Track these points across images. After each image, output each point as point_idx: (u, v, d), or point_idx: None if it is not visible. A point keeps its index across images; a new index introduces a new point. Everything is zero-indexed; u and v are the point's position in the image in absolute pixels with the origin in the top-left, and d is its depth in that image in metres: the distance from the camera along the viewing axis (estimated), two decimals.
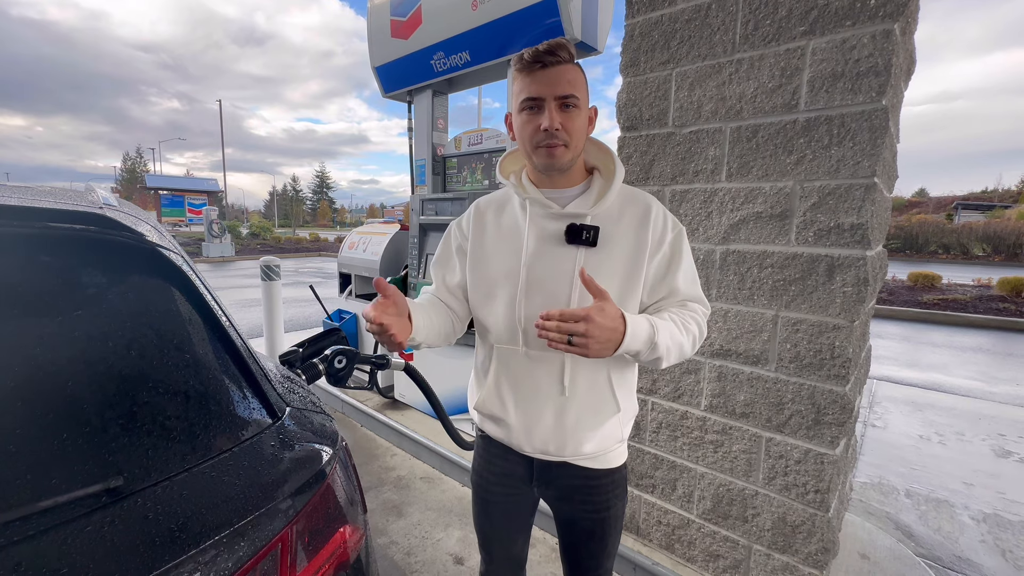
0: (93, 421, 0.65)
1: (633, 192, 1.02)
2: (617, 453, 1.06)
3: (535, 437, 1.01)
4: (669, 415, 1.86)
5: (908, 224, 20.62)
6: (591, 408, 1.00)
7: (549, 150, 0.91)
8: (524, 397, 1.01)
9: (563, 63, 0.89)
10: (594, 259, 0.95)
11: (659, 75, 1.78)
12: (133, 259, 0.80)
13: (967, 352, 5.91)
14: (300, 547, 0.72)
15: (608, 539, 1.10)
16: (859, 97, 1.38)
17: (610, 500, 1.06)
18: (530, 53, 0.89)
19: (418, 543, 2.14)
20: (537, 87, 0.89)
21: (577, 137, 0.92)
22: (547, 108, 0.89)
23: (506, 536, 1.18)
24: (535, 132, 0.91)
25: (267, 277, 3.95)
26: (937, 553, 2.12)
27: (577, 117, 0.91)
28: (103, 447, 0.65)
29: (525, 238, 0.99)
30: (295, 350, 1.31)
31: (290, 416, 0.89)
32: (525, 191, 1.00)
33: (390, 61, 3.38)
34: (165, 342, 0.77)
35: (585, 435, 1.00)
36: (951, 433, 3.44)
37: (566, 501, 1.08)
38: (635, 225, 0.97)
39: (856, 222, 1.41)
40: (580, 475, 1.04)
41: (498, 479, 1.12)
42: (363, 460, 2.89)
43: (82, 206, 0.82)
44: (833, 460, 1.50)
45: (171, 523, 0.63)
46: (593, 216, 0.96)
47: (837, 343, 1.46)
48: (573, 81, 0.90)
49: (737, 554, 1.73)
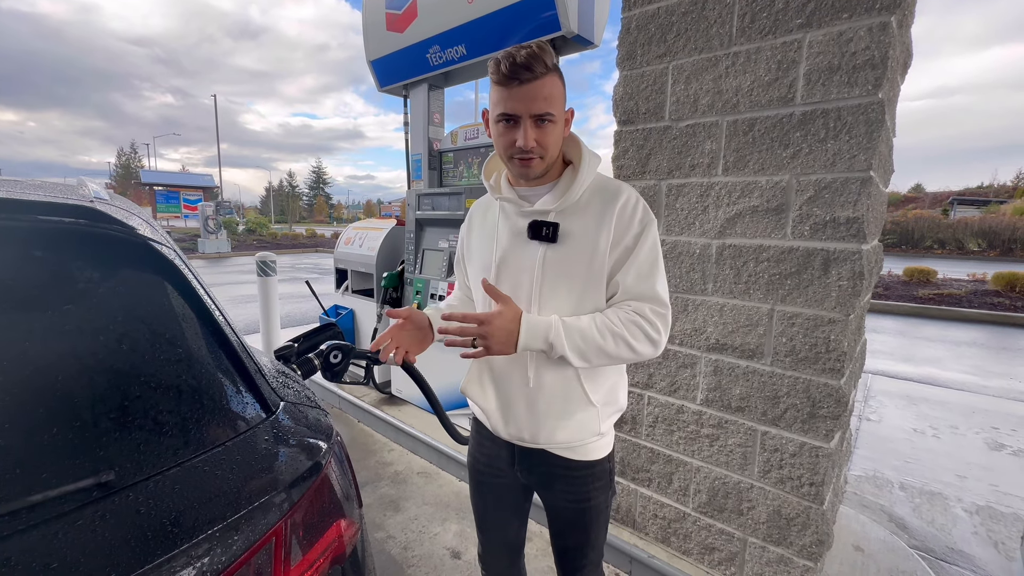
0: (84, 415, 0.65)
1: (605, 184, 1.00)
2: (596, 446, 1.07)
3: (510, 423, 1.07)
4: (665, 409, 1.87)
5: (904, 219, 20.68)
6: (559, 398, 1.02)
7: (523, 162, 0.93)
8: (500, 385, 1.07)
9: (539, 78, 0.87)
10: (556, 255, 0.97)
11: (656, 68, 1.77)
12: (124, 253, 0.79)
13: (961, 346, 5.95)
14: (295, 541, 0.72)
15: (591, 530, 1.12)
16: (855, 90, 1.37)
17: (590, 492, 1.08)
18: (507, 65, 0.87)
19: (415, 537, 2.15)
20: (513, 104, 0.89)
21: (552, 147, 0.94)
22: (523, 126, 0.90)
23: (500, 519, 1.22)
24: (510, 146, 0.92)
25: (263, 273, 3.93)
26: (930, 545, 2.14)
27: (552, 131, 0.92)
28: (94, 441, 0.64)
29: (497, 236, 1.05)
30: (290, 345, 1.30)
31: (284, 411, 0.88)
32: (500, 191, 1.04)
33: (386, 55, 3.36)
34: (157, 336, 0.76)
35: (557, 423, 1.03)
36: (945, 426, 3.46)
37: (547, 489, 1.12)
38: (597, 219, 0.96)
39: (852, 216, 1.41)
40: (560, 464, 1.07)
41: (487, 460, 1.17)
42: (360, 455, 2.89)
43: (72, 199, 0.81)
44: (828, 453, 1.51)
45: (163, 517, 0.62)
46: (560, 211, 0.98)
47: (832, 337, 1.46)
48: (549, 97, 0.89)
49: (732, 547, 1.75)
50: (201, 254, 16.62)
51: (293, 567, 0.70)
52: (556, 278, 0.97)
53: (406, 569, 1.95)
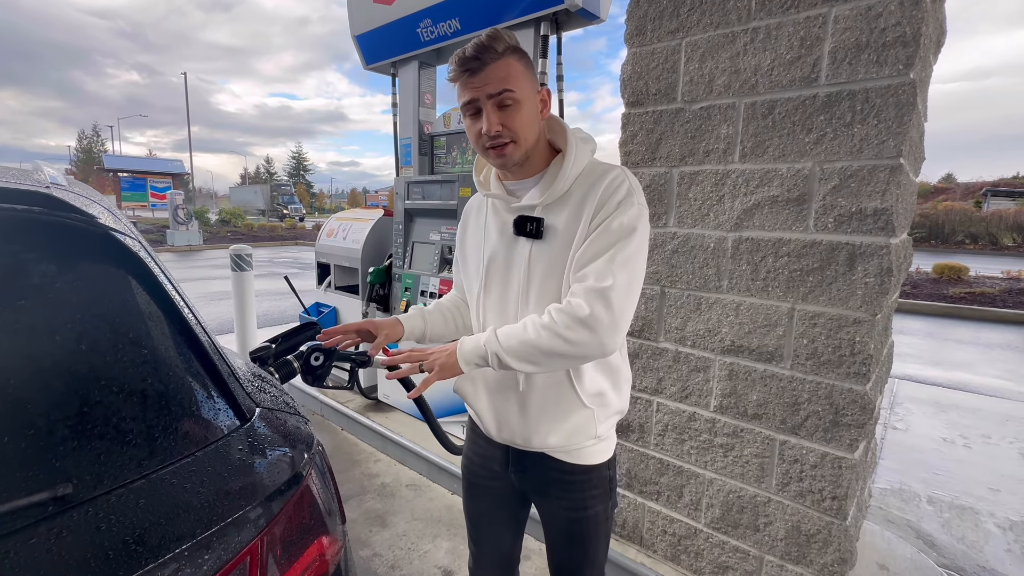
0: (38, 422, 0.64)
1: (594, 169, 0.99)
2: (593, 451, 1.09)
3: (503, 428, 1.09)
4: (676, 417, 1.87)
5: (934, 212, 20.75)
6: (552, 401, 1.04)
7: (497, 151, 0.96)
8: (492, 388, 1.10)
9: (489, 63, 0.92)
10: (541, 251, 1.00)
11: (667, 45, 1.76)
12: (83, 244, 0.78)
13: (995, 349, 5.98)
14: (272, 560, 0.72)
15: (589, 544, 1.13)
16: (885, 70, 1.37)
17: (587, 500, 1.10)
18: (456, 60, 0.94)
19: (404, 555, 2.15)
20: (469, 92, 0.94)
21: (524, 130, 0.95)
22: (484, 111, 0.94)
23: (494, 528, 1.23)
24: (479, 136, 0.97)
25: (238, 267, 3.92)
26: (960, 563, 2.16)
27: (518, 112, 0.94)
28: (50, 451, 0.63)
29: (486, 234, 1.09)
30: (267, 346, 1.29)
31: (260, 418, 0.88)
32: (488, 187, 1.09)
33: (372, 29, 3.33)
34: (120, 336, 0.75)
35: (550, 427, 1.04)
36: (976, 436, 3.48)
37: (543, 495, 1.14)
38: (579, 208, 0.96)
39: (880, 207, 1.41)
40: (555, 468, 1.09)
41: (481, 461, 1.20)
42: (344, 466, 2.88)
43: (26, 184, 0.80)
44: (852, 464, 1.51)
45: (126, 535, 0.62)
46: (546, 205, 1.00)
47: (858, 338, 1.47)
48: (506, 77, 0.92)
49: (748, 565, 1.75)
50: (170, 247, 16.54)
51: None
52: (543, 276, 1.00)
53: None
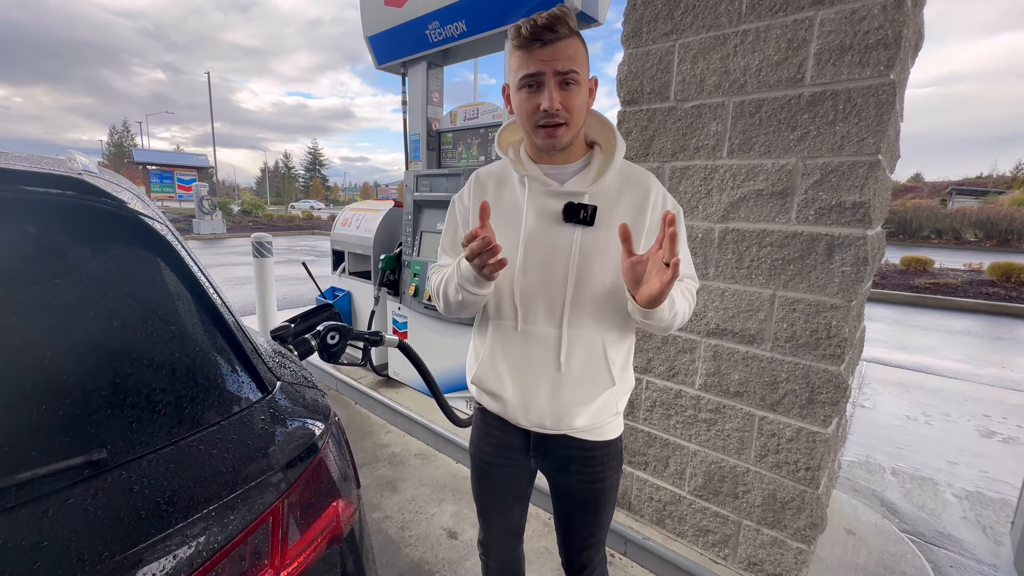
0: (74, 393, 0.63)
1: (633, 170, 1.01)
2: (613, 426, 1.07)
3: (531, 412, 1.02)
4: (663, 394, 1.87)
5: (902, 208, 20.63)
6: (586, 383, 1.00)
7: (549, 130, 0.90)
8: (520, 372, 1.02)
9: (563, 39, 0.86)
10: (592, 238, 0.95)
11: (662, 47, 1.73)
12: (114, 227, 0.77)
13: (956, 335, 5.99)
14: (292, 521, 0.71)
15: (602, 510, 1.12)
16: (867, 71, 1.34)
17: (605, 471, 1.08)
18: (528, 28, 0.86)
19: (412, 518, 2.16)
20: (536, 64, 0.86)
21: (577, 114, 0.91)
22: (547, 87, 0.87)
23: (504, 506, 1.20)
24: (534, 111, 0.89)
25: (259, 254, 3.89)
26: (920, 529, 2.18)
27: (577, 94, 0.90)
28: (85, 419, 0.62)
29: (524, 215, 0.98)
30: (287, 325, 1.29)
31: (281, 390, 0.87)
32: (524, 167, 0.99)
33: (383, 31, 3.27)
34: (149, 313, 0.74)
35: (580, 409, 1.00)
36: (937, 414, 3.50)
37: (562, 472, 1.09)
38: (635, 207, 0.97)
39: (858, 200, 1.39)
40: (576, 446, 1.05)
41: (495, 450, 1.13)
42: (357, 437, 2.90)
43: (60, 170, 0.78)
44: (825, 439, 1.51)
45: (157, 496, 0.61)
46: (592, 194, 0.96)
47: (834, 322, 1.46)
48: (574, 56, 0.87)
49: (727, 529, 1.76)
50: (196, 235, 16.46)
51: (290, 547, 0.70)
52: (593, 261, 0.95)
53: (403, 548, 1.97)
